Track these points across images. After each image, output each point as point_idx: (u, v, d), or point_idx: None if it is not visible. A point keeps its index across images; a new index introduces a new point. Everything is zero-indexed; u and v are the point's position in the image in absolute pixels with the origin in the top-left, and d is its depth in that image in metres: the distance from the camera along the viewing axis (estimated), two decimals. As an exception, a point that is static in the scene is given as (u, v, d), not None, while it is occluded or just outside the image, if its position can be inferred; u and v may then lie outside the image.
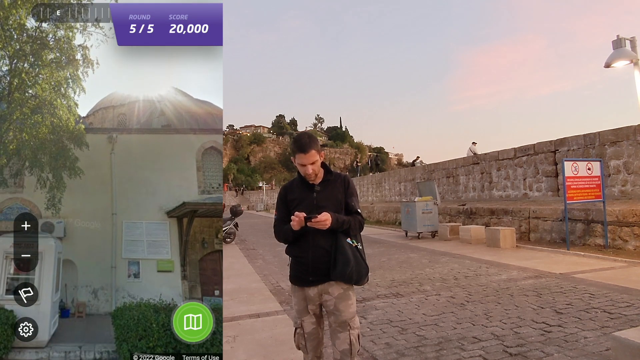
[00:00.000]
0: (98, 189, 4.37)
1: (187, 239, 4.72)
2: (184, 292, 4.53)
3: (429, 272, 6.85)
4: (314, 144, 2.28)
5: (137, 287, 4.00)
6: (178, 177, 4.86)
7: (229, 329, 4.15)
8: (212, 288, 4.54)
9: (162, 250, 4.55)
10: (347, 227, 2.27)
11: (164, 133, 5.01)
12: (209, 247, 4.84)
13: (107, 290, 4.17)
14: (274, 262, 8.66)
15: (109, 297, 4.12)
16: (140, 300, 3.35)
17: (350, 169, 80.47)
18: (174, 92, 5.24)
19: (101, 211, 4.29)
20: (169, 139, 5.01)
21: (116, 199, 4.47)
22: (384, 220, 18.89)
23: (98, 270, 3.93)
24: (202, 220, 4.82)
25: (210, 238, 4.88)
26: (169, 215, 4.68)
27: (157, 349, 3.00)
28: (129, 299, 3.59)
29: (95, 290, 4.20)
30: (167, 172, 4.81)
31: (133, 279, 4.03)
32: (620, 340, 2.79)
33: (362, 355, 3.37)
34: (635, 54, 8.10)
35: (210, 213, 4.76)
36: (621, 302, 4.58)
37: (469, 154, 16.85)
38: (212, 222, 4.92)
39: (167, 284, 4.43)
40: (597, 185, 8.72)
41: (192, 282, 4.65)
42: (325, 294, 2.30)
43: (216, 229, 4.95)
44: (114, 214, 4.39)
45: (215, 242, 4.83)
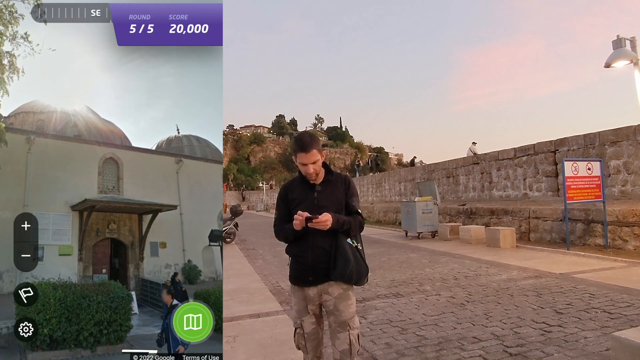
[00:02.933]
0: (13, 183, 5.13)
1: (85, 229, 5.87)
2: (78, 271, 5.73)
3: (429, 272, 6.85)
4: (316, 143, 2.28)
5: (40, 269, 4.53)
6: (83, 178, 5.99)
7: (229, 329, 4.15)
8: (101, 267, 5.97)
9: (64, 238, 5.61)
10: (348, 227, 2.26)
11: (75, 141, 6.28)
12: (102, 235, 6.14)
13: (12, 273, 4.90)
14: (274, 262, 8.66)
15: (14, 278, 4.84)
16: (42, 280, 3.86)
17: (350, 169, 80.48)
18: (86, 109, 6.88)
19: (14, 202, 5.05)
20: (78, 147, 6.23)
21: (29, 192, 5.32)
22: (384, 220, 18.89)
23: (4, 256, 4.20)
24: (98, 214, 6.13)
25: (103, 228, 6.15)
26: (73, 208, 5.77)
27: (52, 320, 3.55)
28: (31, 279, 3.92)
29: (1, 273, 4.93)
30: (74, 173, 5.92)
31: (37, 262, 4.38)
32: (620, 340, 2.79)
33: (362, 355, 3.37)
34: (635, 54, 8.10)
35: (105, 208, 6.12)
36: (621, 302, 4.58)
37: (469, 154, 16.85)
38: (105, 215, 6.21)
39: (66, 265, 5.45)
40: (597, 185, 8.72)
41: (86, 263, 5.92)
42: (325, 294, 2.30)
43: (108, 221, 6.23)
44: (26, 205, 5.23)
45: (106, 231, 6.19)
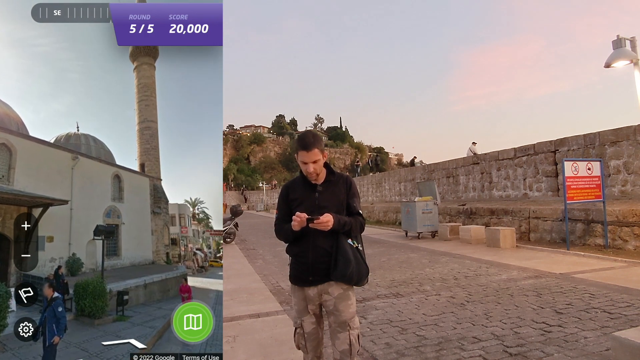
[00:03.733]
0: None
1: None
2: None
3: (429, 272, 6.85)
4: (318, 143, 2.28)
5: None
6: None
7: (229, 329, 4.16)
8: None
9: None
10: (349, 228, 2.27)
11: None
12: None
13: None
14: (274, 262, 8.66)
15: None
16: None
17: (350, 169, 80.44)
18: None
19: None
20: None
21: None
22: (384, 220, 18.89)
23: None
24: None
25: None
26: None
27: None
28: None
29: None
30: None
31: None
32: (620, 340, 2.79)
33: (362, 355, 3.37)
34: (635, 54, 8.10)
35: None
36: (621, 302, 4.58)
37: (469, 154, 16.84)
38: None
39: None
40: (597, 185, 8.72)
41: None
42: (325, 294, 2.30)
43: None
44: None
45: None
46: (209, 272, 5.79)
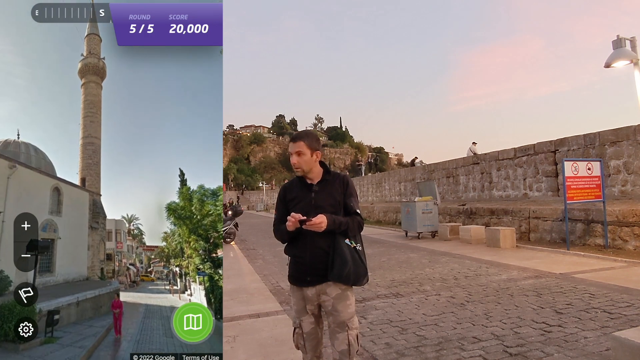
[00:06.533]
0: None
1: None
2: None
3: (429, 272, 6.85)
4: (307, 138, 2.30)
5: None
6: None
7: (229, 329, 4.16)
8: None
9: None
10: (345, 228, 2.26)
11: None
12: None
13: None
14: (274, 262, 8.66)
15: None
16: None
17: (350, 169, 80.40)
18: None
19: None
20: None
21: None
22: (384, 220, 18.89)
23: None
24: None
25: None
26: None
27: None
28: None
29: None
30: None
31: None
32: (620, 340, 2.79)
33: (362, 355, 3.37)
34: (635, 54, 8.10)
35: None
36: (621, 302, 4.58)
37: (469, 154, 16.83)
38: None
39: None
40: (597, 185, 8.72)
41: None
42: (323, 294, 2.30)
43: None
44: None
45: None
46: (140, 286, 5.77)
